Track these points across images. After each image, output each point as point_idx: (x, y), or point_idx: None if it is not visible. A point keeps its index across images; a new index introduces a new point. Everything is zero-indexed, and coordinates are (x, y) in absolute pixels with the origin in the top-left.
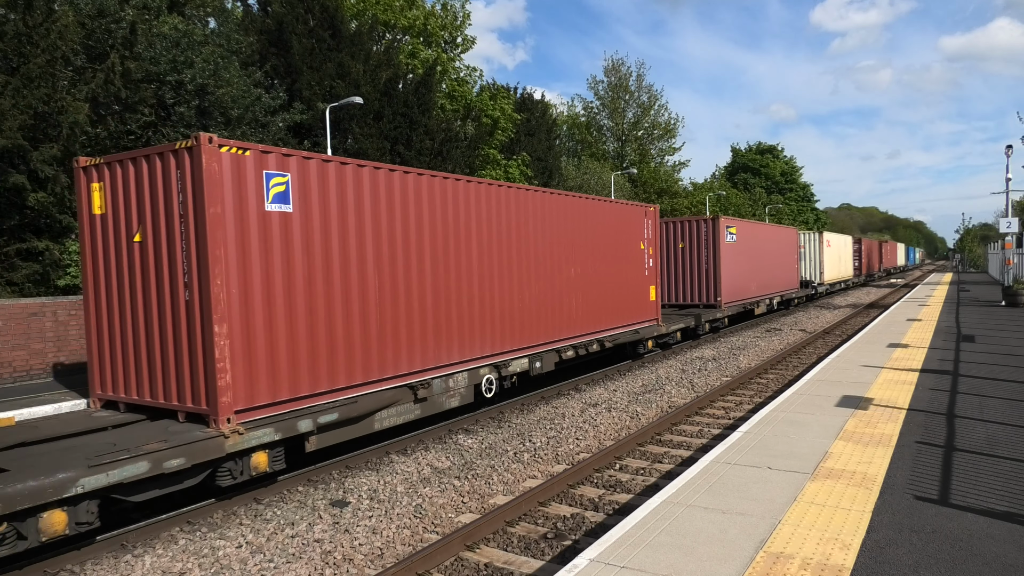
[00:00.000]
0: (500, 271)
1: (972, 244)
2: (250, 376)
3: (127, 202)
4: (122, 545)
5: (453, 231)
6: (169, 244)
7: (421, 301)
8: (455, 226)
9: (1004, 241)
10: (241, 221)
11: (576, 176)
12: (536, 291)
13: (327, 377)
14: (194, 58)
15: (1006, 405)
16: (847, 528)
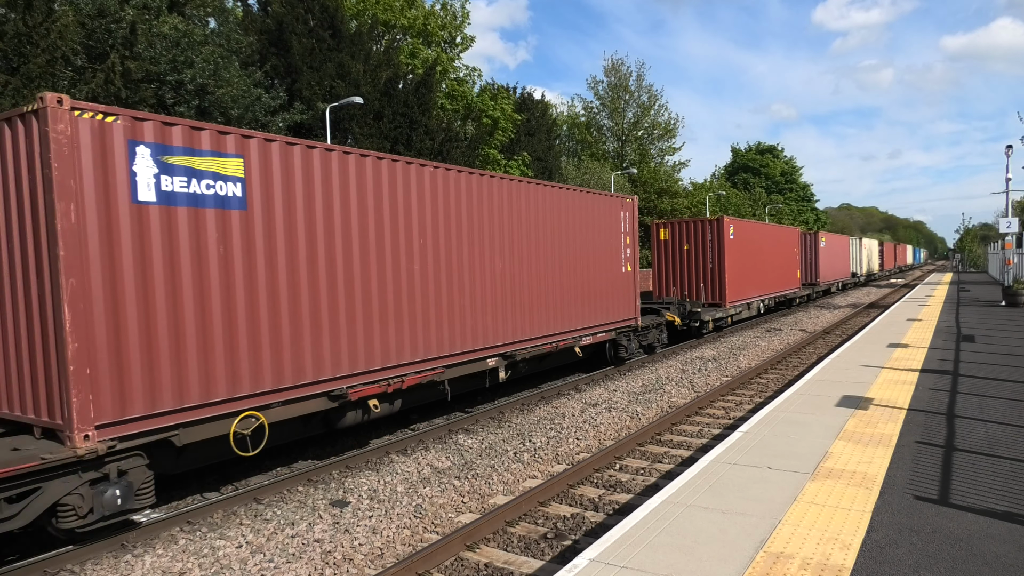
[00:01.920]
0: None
1: (972, 244)
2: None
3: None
4: (122, 545)
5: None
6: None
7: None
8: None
9: (1004, 241)
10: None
11: (576, 176)
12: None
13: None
14: (194, 58)
15: (1006, 405)
16: (847, 528)
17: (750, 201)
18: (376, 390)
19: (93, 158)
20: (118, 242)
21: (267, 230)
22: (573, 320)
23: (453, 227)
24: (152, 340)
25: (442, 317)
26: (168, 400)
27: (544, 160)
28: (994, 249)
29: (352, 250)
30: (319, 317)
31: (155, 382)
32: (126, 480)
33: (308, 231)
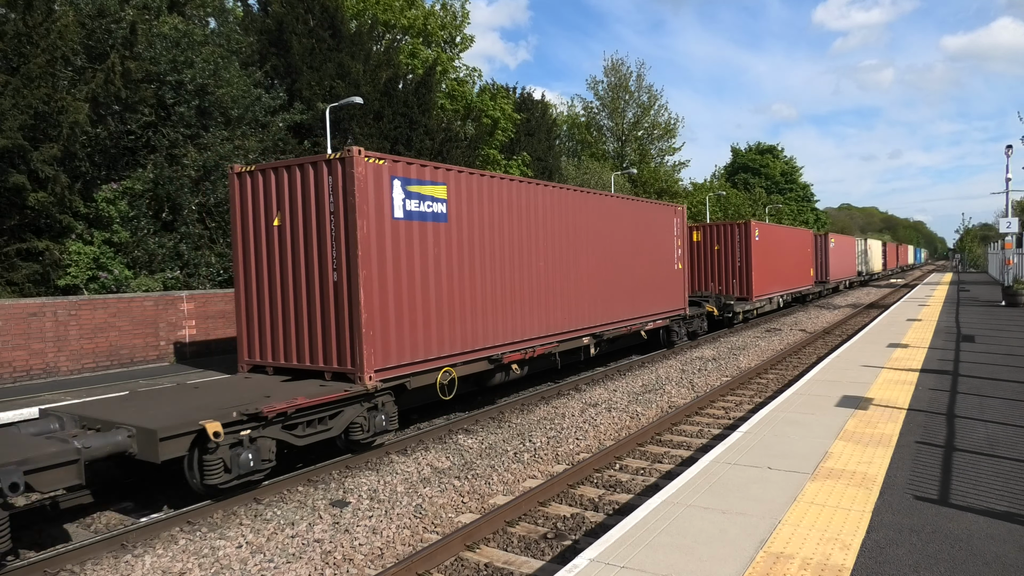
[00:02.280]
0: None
1: (972, 244)
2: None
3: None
4: (122, 545)
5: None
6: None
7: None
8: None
9: (1004, 241)
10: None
11: (576, 176)
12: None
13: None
14: (194, 58)
15: (1006, 405)
16: (847, 528)
17: (750, 201)
18: (519, 356)
19: (373, 189)
20: (383, 246)
21: (459, 238)
22: (640, 309)
23: (566, 234)
24: (399, 313)
25: (557, 304)
26: (407, 356)
27: (544, 160)
28: (994, 249)
29: (506, 252)
30: (486, 301)
31: (400, 343)
32: (385, 410)
33: (483, 239)
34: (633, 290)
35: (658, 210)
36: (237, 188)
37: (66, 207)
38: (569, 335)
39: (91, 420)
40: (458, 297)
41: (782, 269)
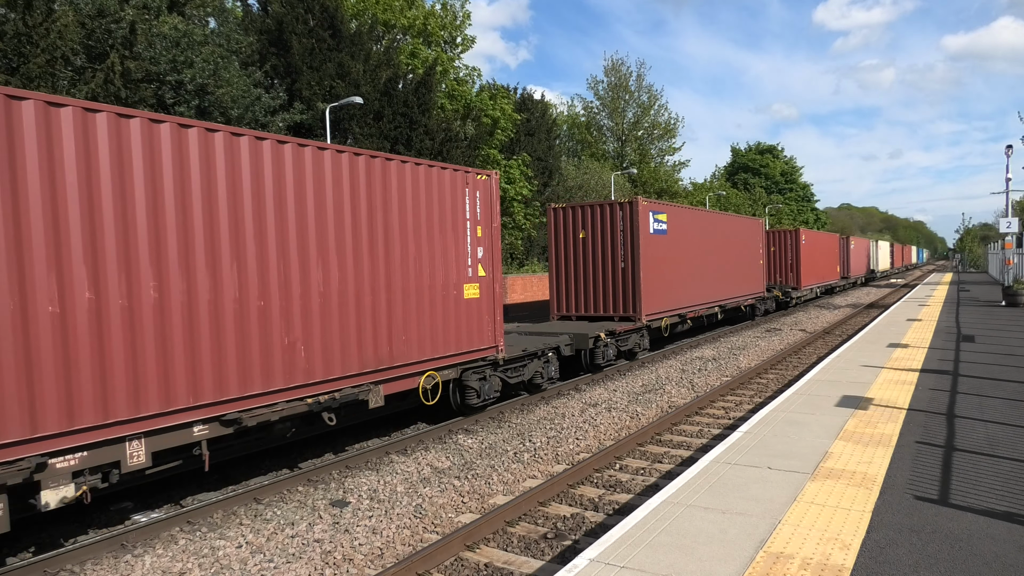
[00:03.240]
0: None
1: (972, 244)
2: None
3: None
4: (122, 545)
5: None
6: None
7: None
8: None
9: (1004, 241)
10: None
11: (576, 176)
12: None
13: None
14: (194, 58)
15: (1006, 405)
16: (847, 528)
17: (750, 201)
18: (691, 315)
19: (641, 218)
20: (645, 247)
21: (672, 243)
22: (742, 291)
23: (714, 240)
24: (653, 284)
25: (707, 285)
26: (655, 308)
27: (544, 160)
28: (994, 249)
29: (690, 250)
30: (683, 280)
31: (651, 301)
32: (646, 339)
33: (681, 243)
34: (738, 278)
35: (750, 222)
36: (553, 217)
37: None
38: (711, 305)
39: (540, 335)
40: (674, 276)
41: (819, 266)
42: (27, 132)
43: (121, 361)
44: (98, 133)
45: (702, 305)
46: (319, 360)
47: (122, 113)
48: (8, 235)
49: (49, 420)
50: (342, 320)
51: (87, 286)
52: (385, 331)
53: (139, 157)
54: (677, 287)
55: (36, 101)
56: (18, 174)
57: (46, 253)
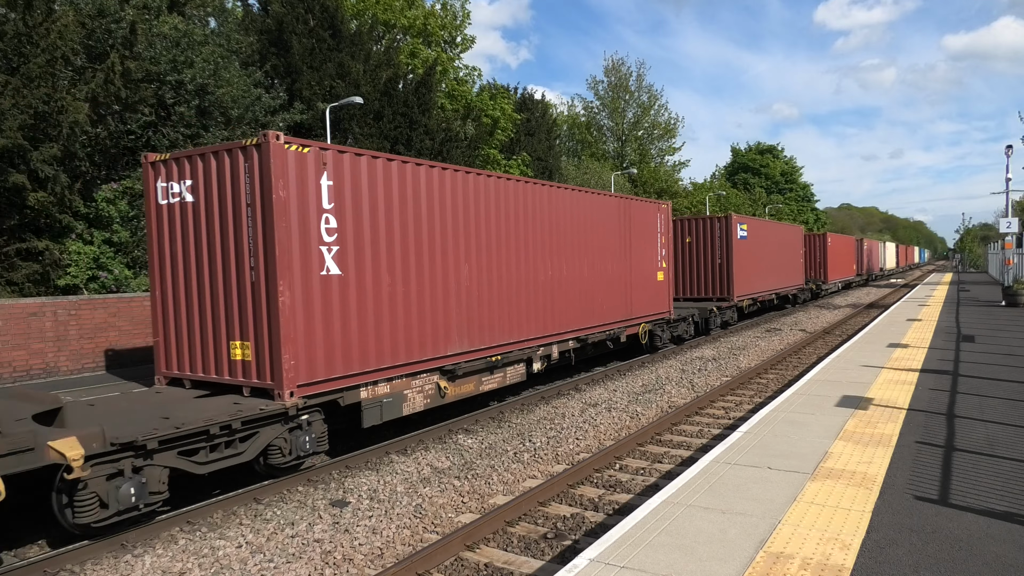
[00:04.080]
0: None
1: (972, 244)
2: None
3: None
4: (122, 545)
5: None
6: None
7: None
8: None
9: (1004, 241)
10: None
11: (576, 176)
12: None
13: None
14: (194, 58)
15: (1006, 405)
16: (847, 528)
17: (750, 201)
18: (762, 299)
19: (733, 228)
20: (737, 247)
21: (750, 246)
22: (789, 282)
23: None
24: (741, 273)
25: (769, 276)
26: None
27: (544, 160)
28: (994, 249)
29: (767, 253)
30: (759, 273)
31: (742, 287)
32: (735, 314)
33: (756, 245)
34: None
35: (795, 229)
36: (677, 224)
37: (66, 207)
38: (772, 292)
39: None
40: (752, 270)
41: (841, 264)
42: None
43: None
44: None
45: (767, 292)
46: (607, 311)
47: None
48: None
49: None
50: (613, 291)
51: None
52: (627, 299)
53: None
54: (754, 278)
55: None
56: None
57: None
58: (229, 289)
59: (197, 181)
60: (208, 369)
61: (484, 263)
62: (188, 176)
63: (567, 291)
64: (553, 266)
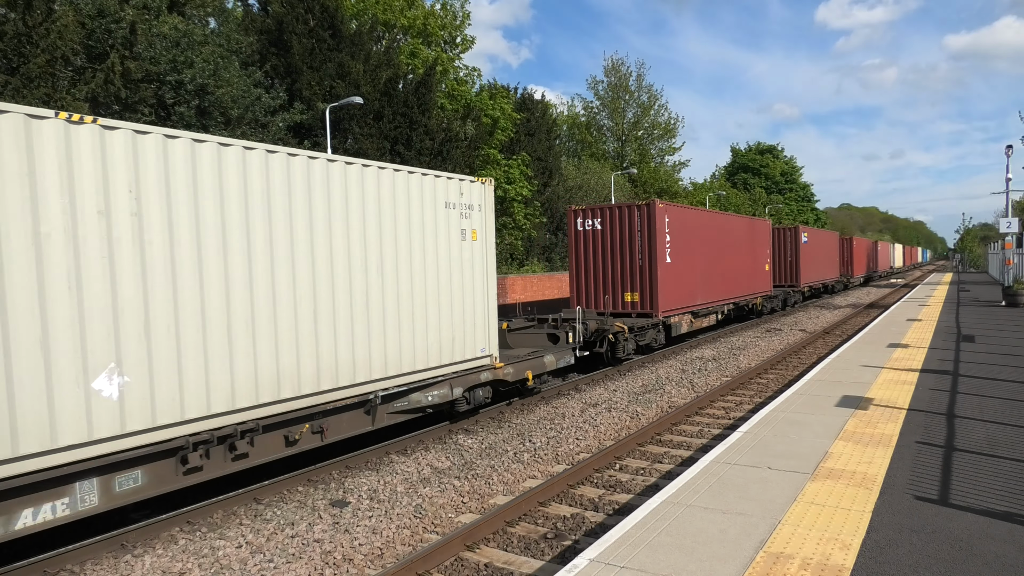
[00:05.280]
0: None
1: (972, 244)
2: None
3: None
4: (122, 545)
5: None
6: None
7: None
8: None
9: (1004, 241)
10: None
11: (576, 176)
12: None
13: None
14: (194, 58)
15: (1006, 405)
16: (847, 528)
17: (750, 201)
18: (818, 287)
19: (800, 236)
20: (800, 251)
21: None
22: (829, 276)
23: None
24: (806, 270)
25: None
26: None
27: (544, 160)
28: (994, 249)
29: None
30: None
31: (806, 278)
32: (801, 297)
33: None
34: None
35: (834, 234)
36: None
37: None
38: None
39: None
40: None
41: (861, 262)
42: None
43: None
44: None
45: (818, 282)
46: (744, 288)
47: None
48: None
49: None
50: (746, 276)
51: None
52: (751, 281)
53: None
54: (811, 272)
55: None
56: None
57: None
58: (624, 268)
59: (604, 219)
60: (608, 307)
61: (711, 258)
62: (597, 217)
63: (730, 275)
64: (726, 260)
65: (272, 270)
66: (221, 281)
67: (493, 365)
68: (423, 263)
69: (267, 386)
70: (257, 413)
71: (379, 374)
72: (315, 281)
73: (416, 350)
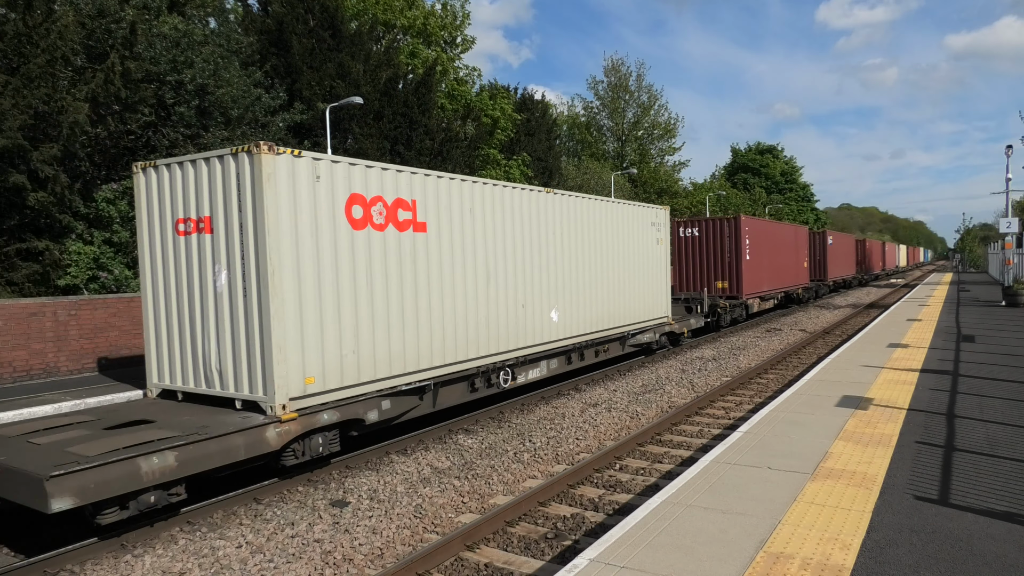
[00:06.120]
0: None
1: (972, 244)
2: None
3: None
4: (122, 545)
5: None
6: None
7: None
8: None
9: (1004, 241)
10: None
11: (576, 176)
12: None
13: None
14: (194, 58)
15: (1006, 405)
16: (847, 528)
17: (750, 201)
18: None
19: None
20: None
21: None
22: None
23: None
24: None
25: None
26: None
27: (544, 160)
28: (994, 249)
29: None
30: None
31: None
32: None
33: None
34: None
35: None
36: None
37: (66, 207)
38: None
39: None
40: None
41: (875, 261)
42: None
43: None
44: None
45: (840, 277)
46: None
47: None
48: None
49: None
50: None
51: None
52: (794, 275)
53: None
54: (835, 269)
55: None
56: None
57: None
58: (716, 263)
59: (701, 228)
60: (702, 291)
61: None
62: (695, 226)
63: (782, 270)
64: (780, 259)
65: (575, 262)
66: (544, 268)
67: (669, 322)
68: (641, 259)
69: (576, 326)
70: (567, 343)
71: (622, 322)
72: (598, 270)
73: (637, 309)
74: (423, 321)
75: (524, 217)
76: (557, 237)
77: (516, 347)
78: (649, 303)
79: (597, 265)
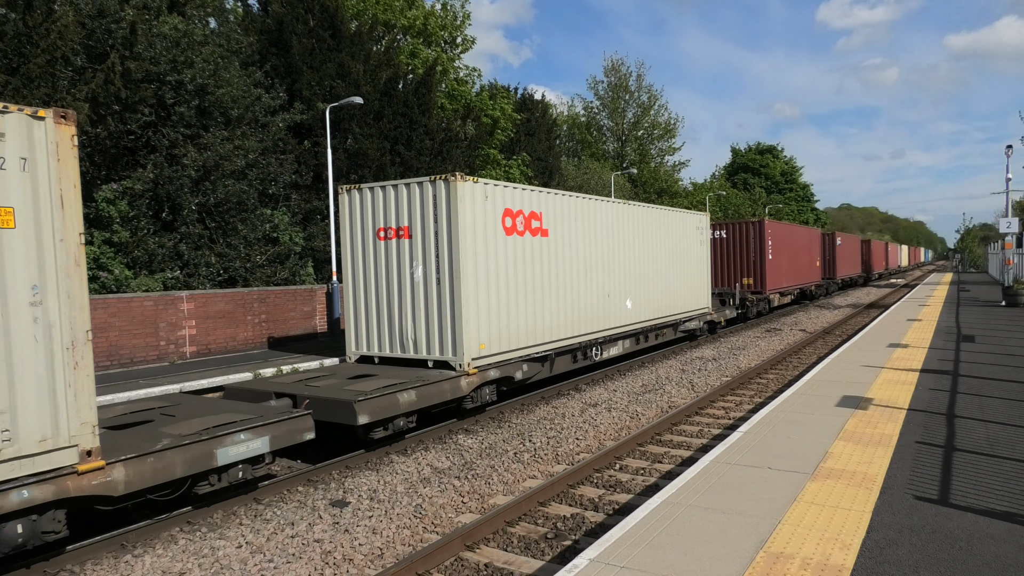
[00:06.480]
0: None
1: (972, 244)
2: None
3: None
4: (122, 545)
5: None
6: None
7: None
8: None
9: (1004, 241)
10: None
11: (576, 176)
12: None
13: None
14: (194, 58)
15: (1006, 405)
16: (847, 528)
17: (750, 201)
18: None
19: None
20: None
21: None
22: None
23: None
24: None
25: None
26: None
27: (544, 160)
28: (994, 249)
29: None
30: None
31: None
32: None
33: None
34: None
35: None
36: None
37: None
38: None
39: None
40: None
41: (879, 261)
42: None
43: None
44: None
45: (847, 276)
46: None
47: None
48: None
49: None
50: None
51: None
52: (810, 273)
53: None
54: (843, 268)
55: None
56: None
57: None
58: (742, 261)
59: (728, 230)
60: (733, 286)
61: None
62: (723, 229)
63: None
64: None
65: (643, 259)
66: (621, 264)
67: (711, 312)
68: (689, 258)
69: (644, 313)
70: (638, 327)
71: (676, 311)
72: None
73: (687, 301)
74: (547, 305)
75: (607, 223)
76: (630, 239)
77: (603, 328)
78: (695, 295)
79: (658, 262)
